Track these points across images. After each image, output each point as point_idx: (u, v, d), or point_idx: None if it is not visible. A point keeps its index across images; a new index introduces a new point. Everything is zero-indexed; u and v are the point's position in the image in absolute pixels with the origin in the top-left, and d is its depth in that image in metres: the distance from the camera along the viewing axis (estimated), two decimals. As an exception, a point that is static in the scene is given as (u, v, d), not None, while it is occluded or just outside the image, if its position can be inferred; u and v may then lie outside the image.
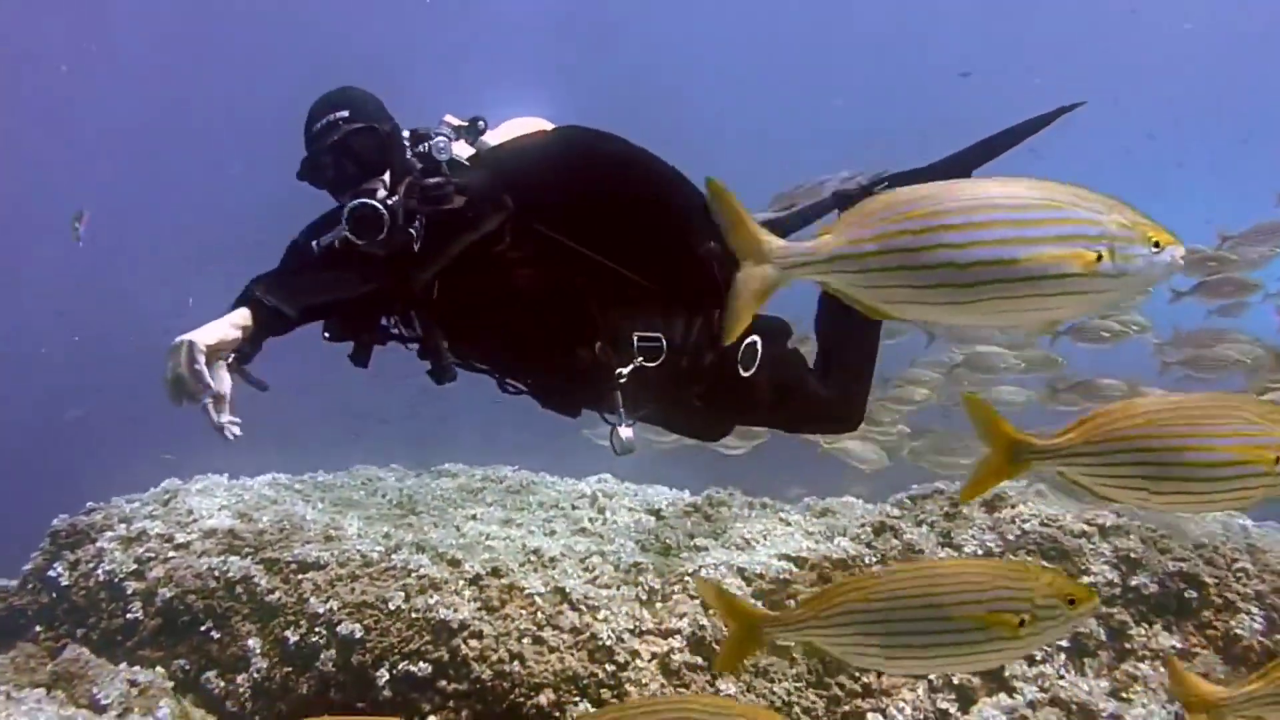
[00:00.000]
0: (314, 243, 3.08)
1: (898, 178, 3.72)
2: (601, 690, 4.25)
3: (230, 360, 3.09)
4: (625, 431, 3.30)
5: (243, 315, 2.69)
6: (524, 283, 3.15)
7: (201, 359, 2.58)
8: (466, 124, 3.28)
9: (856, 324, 3.80)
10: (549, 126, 3.45)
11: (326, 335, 3.14)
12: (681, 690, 4.25)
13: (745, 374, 3.48)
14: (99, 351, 18.46)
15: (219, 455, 6.52)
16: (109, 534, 5.23)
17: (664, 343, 3.32)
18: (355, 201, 2.94)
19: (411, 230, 2.93)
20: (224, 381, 2.99)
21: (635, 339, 3.28)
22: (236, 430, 2.90)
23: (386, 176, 3.04)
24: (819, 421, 4.06)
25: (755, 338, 3.50)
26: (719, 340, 3.41)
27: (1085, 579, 4.59)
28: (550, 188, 3.17)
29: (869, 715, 4.23)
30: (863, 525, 5.30)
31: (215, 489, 5.91)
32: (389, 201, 2.96)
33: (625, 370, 3.24)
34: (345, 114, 3.03)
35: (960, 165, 3.63)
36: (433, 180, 2.99)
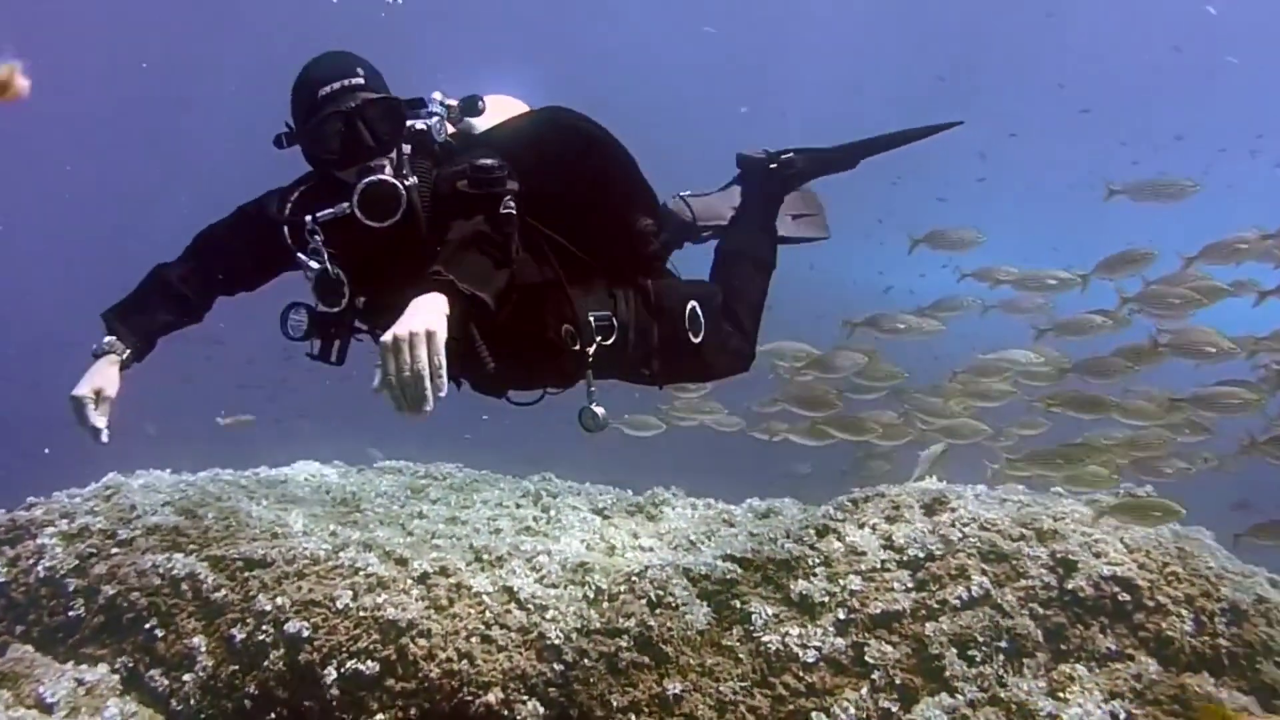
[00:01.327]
0: (309, 217, 2.89)
1: (802, 152, 4.16)
2: (550, 689, 4.28)
3: (125, 356, 3.01)
4: (599, 409, 3.29)
5: (444, 305, 2.45)
6: (521, 270, 3.02)
7: (443, 353, 2.36)
8: (459, 103, 3.18)
9: (753, 269, 4.10)
10: (525, 107, 3.42)
11: (291, 334, 3.02)
12: (630, 689, 4.29)
13: (696, 340, 3.59)
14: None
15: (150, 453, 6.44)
16: (50, 530, 5.15)
17: (614, 320, 3.35)
18: (372, 178, 2.82)
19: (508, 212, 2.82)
20: (113, 383, 2.91)
21: (592, 319, 3.28)
22: (105, 437, 2.84)
23: (394, 154, 2.91)
24: (732, 361, 4.04)
25: (694, 303, 3.60)
26: (657, 311, 3.53)
27: (1022, 582, 4.70)
28: (543, 172, 3.10)
29: (813, 715, 4.30)
30: (805, 527, 5.37)
31: (158, 485, 5.84)
32: (406, 182, 2.87)
33: (590, 350, 3.23)
34: (360, 80, 2.88)
35: (853, 153, 4.19)
36: (485, 162, 2.86)
